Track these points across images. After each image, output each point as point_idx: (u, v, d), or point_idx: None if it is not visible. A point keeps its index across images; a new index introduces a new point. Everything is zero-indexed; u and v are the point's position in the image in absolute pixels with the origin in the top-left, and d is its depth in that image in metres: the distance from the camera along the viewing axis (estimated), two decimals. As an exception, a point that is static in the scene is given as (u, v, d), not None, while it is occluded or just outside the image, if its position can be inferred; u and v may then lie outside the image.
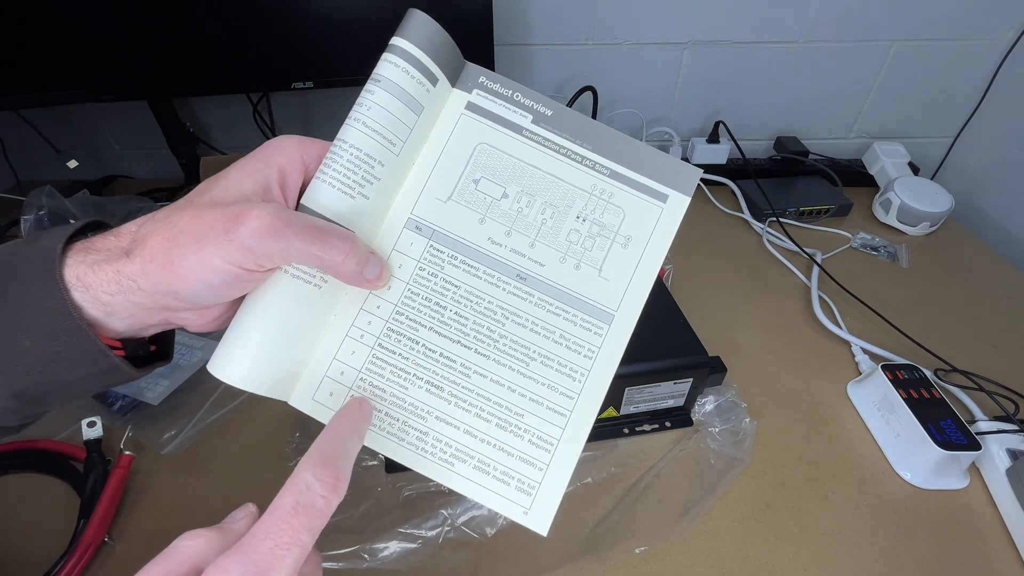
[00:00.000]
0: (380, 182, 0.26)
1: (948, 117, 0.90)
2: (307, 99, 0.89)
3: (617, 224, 0.28)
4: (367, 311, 0.27)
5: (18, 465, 0.47)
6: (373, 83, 0.26)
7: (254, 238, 0.22)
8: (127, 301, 0.23)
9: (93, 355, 0.23)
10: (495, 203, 0.28)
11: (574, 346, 0.27)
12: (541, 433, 0.26)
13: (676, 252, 0.68)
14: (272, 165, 0.25)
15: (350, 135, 0.26)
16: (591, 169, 0.29)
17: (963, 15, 0.79)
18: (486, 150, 0.28)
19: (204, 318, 0.26)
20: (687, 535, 0.43)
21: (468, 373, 0.27)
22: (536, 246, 0.28)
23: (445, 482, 0.26)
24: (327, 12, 0.68)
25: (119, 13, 0.65)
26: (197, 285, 0.22)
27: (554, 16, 0.80)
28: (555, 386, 0.27)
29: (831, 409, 0.53)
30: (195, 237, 0.22)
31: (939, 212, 0.76)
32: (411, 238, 0.27)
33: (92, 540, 0.41)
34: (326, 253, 0.23)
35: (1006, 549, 0.43)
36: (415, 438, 0.26)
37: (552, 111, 0.29)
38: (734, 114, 0.87)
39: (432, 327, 0.27)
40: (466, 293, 0.27)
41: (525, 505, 0.26)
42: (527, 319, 0.27)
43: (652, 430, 0.50)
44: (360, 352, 0.27)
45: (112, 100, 0.72)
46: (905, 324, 0.60)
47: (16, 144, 0.90)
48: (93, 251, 0.24)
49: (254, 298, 0.25)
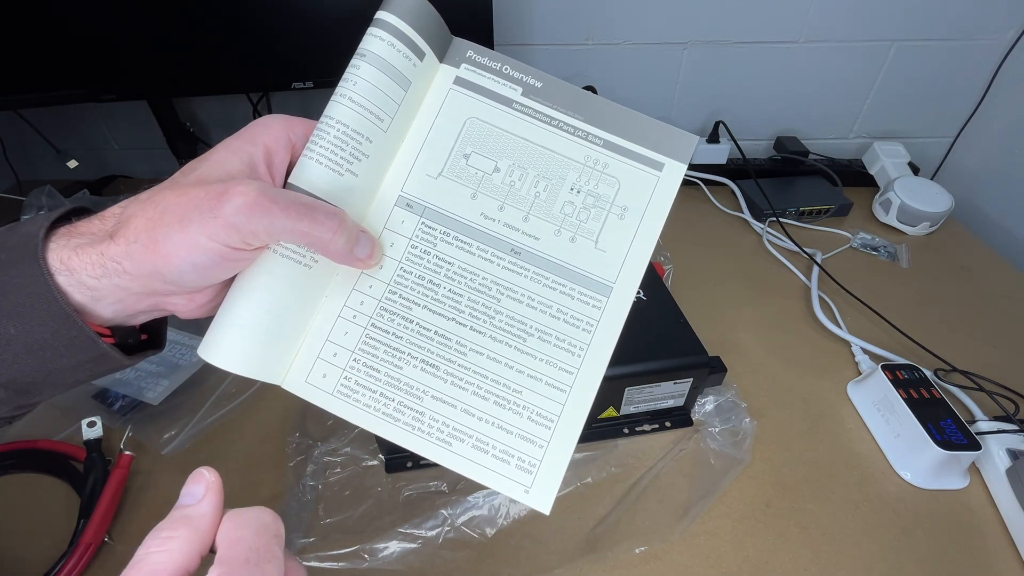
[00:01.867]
0: (369, 159, 0.26)
1: (948, 117, 0.90)
2: (307, 99, 0.89)
3: (612, 195, 0.28)
4: (359, 291, 0.27)
5: (18, 465, 0.47)
6: (359, 57, 0.25)
7: (239, 215, 0.21)
8: (113, 285, 0.22)
9: (81, 341, 0.23)
10: (487, 177, 0.28)
11: (572, 320, 0.27)
12: (541, 410, 0.26)
13: (676, 252, 0.69)
14: (258, 144, 0.25)
15: (337, 111, 0.25)
16: (584, 140, 0.28)
17: (963, 15, 0.79)
18: (476, 124, 0.28)
19: (194, 302, 0.25)
20: (687, 535, 0.43)
21: (464, 351, 0.26)
22: (530, 220, 0.27)
23: (443, 462, 0.25)
24: (327, 12, 0.68)
25: (119, 13, 0.65)
26: (183, 265, 0.22)
27: (554, 16, 0.80)
28: (554, 361, 0.26)
29: (831, 409, 0.53)
30: (179, 216, 0.22)
31: (939, 212, 0.76)
32: (402, 216, 0.27)
33: (92, 540, 0.40)
34: (314, 230, 0.22)
35: (1006, 549, 0.43)
36: (411, 418, 0.26)
37: (542, 83, 0.28)
38: (734, 114, 0.87)
39: (426, 305, 0.26)
40: (460, 270, 0.27)
41: (526, 483, 0.25)
42: (523, 294, 0.27)
43: (652, 430, 0.50)
44: (353, 333, 0.26)
45: (112, 100, 0.72)
46: (905, 324, 0.60)
47: (16, 144, 0.90)
48: (77, 235, 0.23)
49: (243, 279, 0.24)
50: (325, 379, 0.26)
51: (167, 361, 0.55)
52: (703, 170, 0.87)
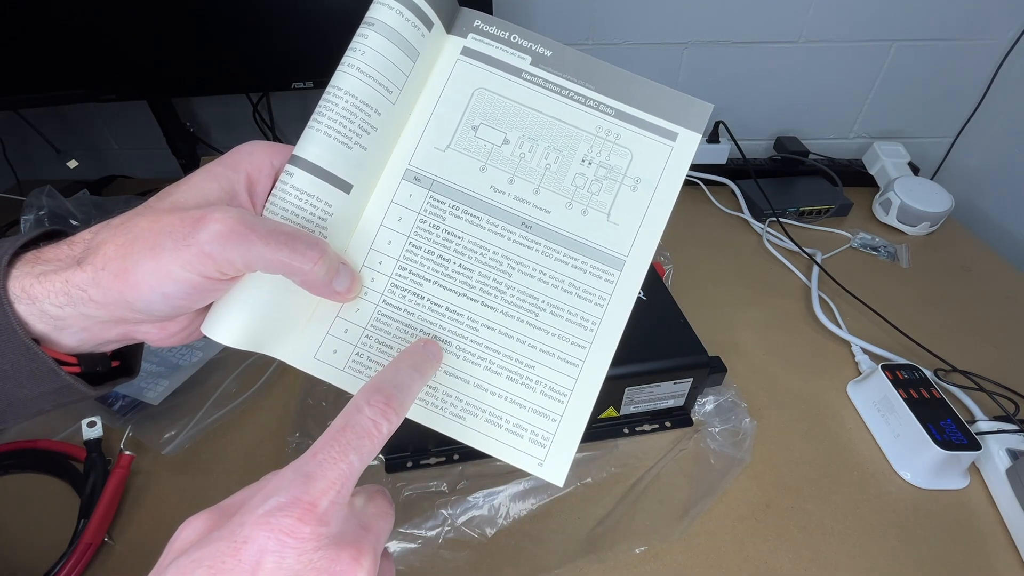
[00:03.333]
0: (377, 132, 0.25)
1: (948, 117, 0.90)
2: (307, 99, 0.89)
3: (625, 166, 0.27)
4: (369, 267, 0.26)
5: (18, 465, 0.47)
6: (366, 26, 0.25)
7: (215, 243, 0.20)
8: (78, 313, 0.21)
9: (42, 372, 0.22)
10: (496, 149, 0.27)
11: (584, 294, 0.26)
12: (553, 384, 0.26)
13: (676, 252, 0.69)
14: (240, 170, 0.24)
15: (345, 82, 0.24)
16: (595, 110, 0.28)
17: (963, 15, 0.79)
18: (484, 95, 0.27)
19: (165, 331, 0.24)
20: (687, 535, 0.43)
21: (476, 326, 0.26)
22: (541, 192, 0.27)
23: (457, 436, 0.25)
24: (328, 12, 0.68)
25: (119, 13, 0.65)
26: (151, 295, 0.21)
27: (554, 16, 0.80)
28: (566, 336, 0.26)
29: (831, 409, 0.53)
30: (151, 243, 0.21)
31: (939, 212, 0.76)
32: (410, 189, 0.27)
33: (92, 540, 0.40)
34: (294, 260, 0.21)
35: (1006, 549, 0.43)
36: (424, 393, 0.25)
37: (552, 51, 0.28)
38: (734, 114, 0.87)
39: (436, 281, 0.26)
40: (470, 244, 0.26)
41: (539, 457, 0.25)
42: (534, 268, 0.26)
43: (652, 430, 0.50)
44: (365, 309, 0.26)
45: (112, 100, 0.72)
46: (905, 324, 0.60)
47: (16, 144, 0.89)
48: (43, 261, 0.22)
49: None
50: (336, 355, 0.26)
51: (167, 361, 0.55)
52: (703, 170, 0.87)
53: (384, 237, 0.27)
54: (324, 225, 0.25)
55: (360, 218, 0.27)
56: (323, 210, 0.24)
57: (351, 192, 0.25)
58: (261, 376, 0.54)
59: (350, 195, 0.25)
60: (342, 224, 0.26)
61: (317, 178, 0.24)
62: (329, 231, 0.25)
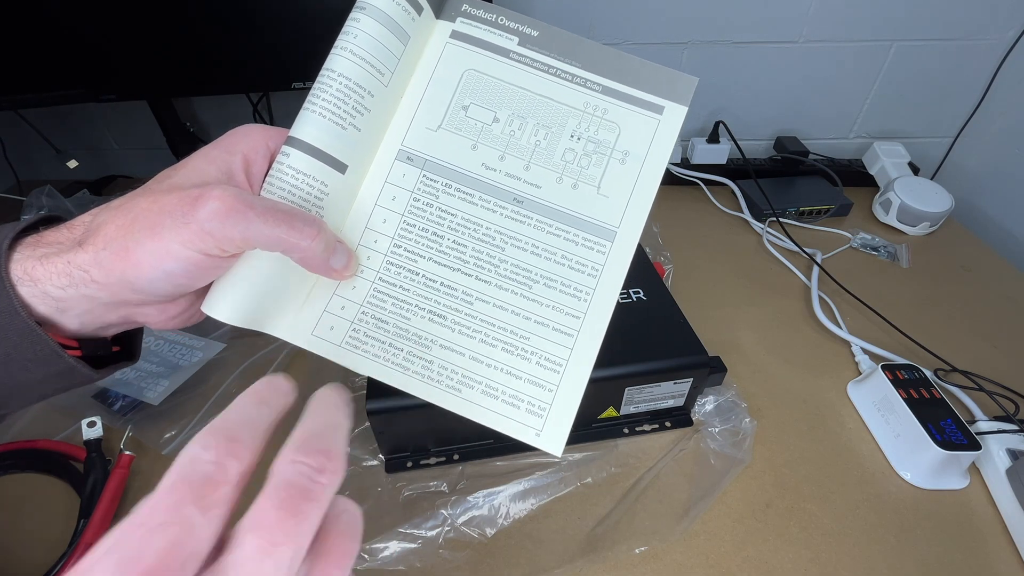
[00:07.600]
0: (371, 113, 0.26)
1: (948, 117, 0.90)
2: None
3: (613, 140, 0.28)
4: (365, 246, 0.27)
5: (18, 465, 0.47)
6: (358, 10, 0.25)
7: (214, 220, 0.20)
8: (80, 295, 0.22)
9: (45, 355, 0.22)
10: (486, 128, 0.28)
11: (577, 266, 0.27)
12: (549, 355, 0.26)
13: (676, 252, 0.69)
14: (236, 152, 0.24)
15: (339, 64, 0.25)
16: (582, 87, 0.28)
17: (963, 15, 0.79)
18: (474, 76, 0.28)
19: (166, 313, 0.24)
20: (687, 535, 0.43)
21: (470, 300, 0.26)
22: (531, 168, 0.28)
23: (453, 408, 0.25)
24: (328, 12, 0.68)
25: (119, 13, 0.65)
26: (154, 273, 0.21)
27: (554, 15, 0.80)
28: (560, 307, 0.27)
29: (831, 409, 0.53)
30: (151, 223, 0.21)
31: (939, 212, 0.76)
32: (403, 169, 0.27)
33: (92, 540, 0.40)
34: (291, 236, 0.22)
35: (1006, 549, 0.43)
36: (420, 367, 0.26)
37: (538, 31, 0.29)
38: (734, 114, 0.87)
39: (431, 257, 0.27)
40: (463, 221, 0.27)
41: (536, 427, 0.25)
42: (527, 242, 0.27)
43: (652, 430, 0.50)
44: (361, 286, 0.26)
45: (112, 100, 0.72)
46: (905, 324, 0.60)
47: (16, 144, 0.89)
48: (44, 244, 0.22)
49: None
50: (333, 331, 0.26)
51: (167, 361, 0.55)
52: (703, 170, 0.87)
53: (379, 216, 0.27)
54: (320, 204, 0.25)
55: (355, 198, 0.27)
56: (319, 190, 0.25)
57: (346, 172, 0.26)
58: (261, 376, 0.54)
59: (345, 175, 0.26)
60: (338, 204, 0.26)
61: (313, 158, 0.25)
62: (325, 210, 0.25)
